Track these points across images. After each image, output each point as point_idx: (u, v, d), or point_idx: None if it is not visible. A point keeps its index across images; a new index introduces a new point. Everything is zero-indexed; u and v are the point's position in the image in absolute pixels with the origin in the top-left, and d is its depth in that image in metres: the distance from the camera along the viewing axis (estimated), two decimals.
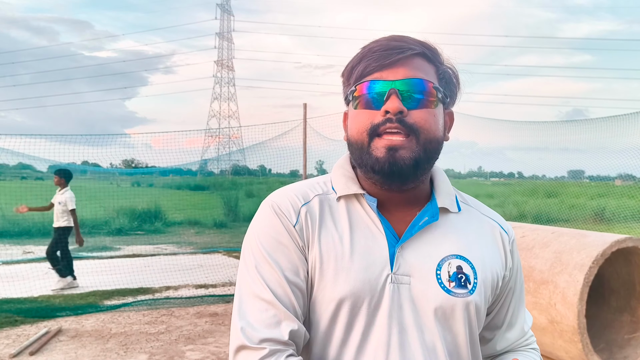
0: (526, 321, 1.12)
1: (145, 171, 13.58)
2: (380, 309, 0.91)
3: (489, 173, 32.65)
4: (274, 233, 0.94)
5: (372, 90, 0.91)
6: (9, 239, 11.06)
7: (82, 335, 4.86)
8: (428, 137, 0.91)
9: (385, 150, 0.89)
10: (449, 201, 1.00)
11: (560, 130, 9.01)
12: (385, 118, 0.89)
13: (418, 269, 0.93)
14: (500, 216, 1.10)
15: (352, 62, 0.96)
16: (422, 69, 0.93)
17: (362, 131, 0.92)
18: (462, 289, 0.93)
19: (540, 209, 11.42)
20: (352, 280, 0.91)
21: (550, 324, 3.78)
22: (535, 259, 4.05)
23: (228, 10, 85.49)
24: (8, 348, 4.47)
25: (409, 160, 0.89)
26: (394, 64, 0.91)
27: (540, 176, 13.39)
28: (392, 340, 0.91)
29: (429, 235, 0.96)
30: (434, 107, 0.92)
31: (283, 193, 1.00)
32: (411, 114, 0.90)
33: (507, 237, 1.05)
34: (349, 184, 0.99)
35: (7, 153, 7.79)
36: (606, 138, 8.01)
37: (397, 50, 0.91)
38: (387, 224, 0.96)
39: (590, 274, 3.59)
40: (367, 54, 0.93)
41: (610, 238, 3.77)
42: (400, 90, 0.89)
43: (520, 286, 1.10)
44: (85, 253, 9.91)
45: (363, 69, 0.92)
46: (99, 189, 12.97)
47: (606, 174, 10.20)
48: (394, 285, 0.92)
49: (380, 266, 0.92)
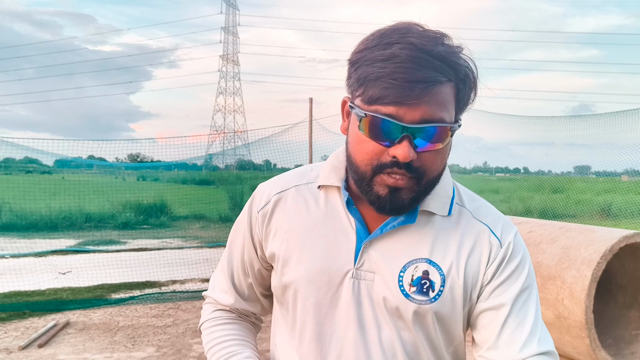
0: (526, 345, 0.88)
1: (151, 165, 13.60)
2: (338, 302, 0.92)
3: (495, 168, 32.56)
4: (242, 218, 1.06)
5: (384, 126, 0.82)
6: (17, 233, 11.12)
7: (90, 328, 4.89)
8: (430, 178, 0.87)
9: (387, 190, 0.85)
10: (437, 204, 0.94)
11: (566, 126, 8.96)
12: (392, 161, 0.83)
13: (382, 267, 0.91)
14: (502, 219, 0.98)
15: (367, 70, 0.82)
16: (444, 102, 0.82)
17: (367, 164, 0.86)
18: (422, 296, 0.89)
19: (546, 204, 11.39)
20: (309, 267, 0.93)
21: (557, 319, 3.78)
22: (542, 255, 4.04)
23: (233, 5, 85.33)
24: (17, 340, 4.50)
25: (407, 201, 0.87)
26: (415, 99, 0.79)
27: (546, 172, 13.34)
28: (348, 335, 0.91)
29: (402, 236, 0.92)
30: (444, 144, 0.85)
31: (271, 180, 1.06)
32: (419, 157, 0.83)
33: (497, 244, 0.93)
34: (331, 174, 0.98)
35: (13, 147, 7.82)
36: (613, 133, 7.98)
37: (422, 84, 0.78)
38: (360, 219, 0.94)
39: (598, 270, 3.59)
40: (385, 78, 0.79)
41: (618, 233, 3.76)
42: (414, 135, 0.81)
43: (520, 305, 0.91)
44: (92, 247, 9.96)
45: (378, 97, 0.80)
46: (105, 183, 13.03)
47: (613, 170, 10.16)
48: (355, 280, 0.91)
49: (344, 260, 0.92)
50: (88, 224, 12.32)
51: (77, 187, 12.47)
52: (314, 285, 0.93)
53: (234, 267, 1.09)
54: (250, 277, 1.08)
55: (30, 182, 11.36)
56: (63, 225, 11.57)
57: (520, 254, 0.94)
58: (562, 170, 11.79)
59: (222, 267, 1.12)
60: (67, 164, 11.98)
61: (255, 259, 1.05)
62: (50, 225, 11.33)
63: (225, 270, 1.11)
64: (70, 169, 13.48)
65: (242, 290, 1.09)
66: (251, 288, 1.09)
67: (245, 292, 1.10)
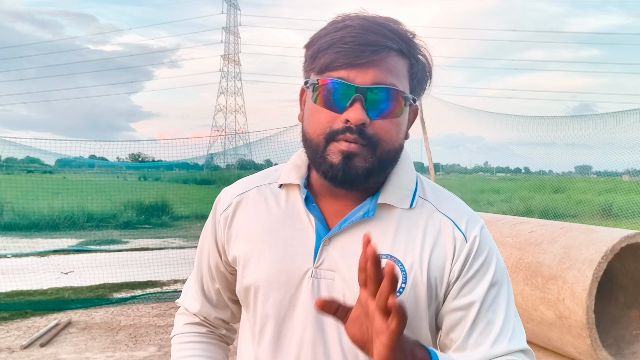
0: (498, 342, 0.86)
1: (152, 165, 13.63)
2: (297, 303, 0.89)
3: (496, 168, 32.55)
4: (207, 223, 1.05)
5: (335, 91, 0.83)
6: (19, 232, 11.13)
7: (92, 328, 4.90)
8: (386, 149, 0.85)
9: (340, 157, 0.83)
10: (397, 197, 0.91)
11: (567, 126, 8.96)
12: (345, 126, 0.82)
13: (342, 265, 0.88)
14: (468, 213, 0.94)
15: (320, 42, 0.85)
16: (395, 70, 0.84)
17: (320, 134, 0.85)
18: None
19: (547, 204, 11.38)
20: (267, 268, 0.91)
21: (558, 319, 3.78)
22: (543, 254, 4.05)
23: (234, 5, 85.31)
24: (19, 339, 4.51)
25: (361, 170, 0.84)
26: (365, 64, 0.81)
27: (547, 171, 13.34)
28: (306, 336, 0.88)
29: (361, 230, 0.89)
30: (398, 115, 0.85)
31: (237, 182, 1.04)
32: (373, 124, 0.83)
33: (461, 238, 0.89)
34: (292, 173, 0.96)
35: (15, 147, 7.83)
36: (614, 133, 7.97)
37: (372, 47, 0.81)
38: (320, 217, 0.91)
39: (600, 270, 3.59)
40: (336, 43, 0.82)
41: (619, 233, 3.76)
42: (366, 97, 0.82)
43: (489, 303, 0.87)
44: (94, 246, 9.97)
45: (329, 62, 0.83)
46: (106, 182, 13.04)
47: (613, 170, 10.16)
48: (314, 279, 0.88)
49: (303, 259, 0.89)
50: (90, 223, 12.34)
51: (78, 187, 12.48)
52: (273, 286, 0.90)
53: (203, 273, 1.08)
54: (217, 282, 1.06)
55: (32, 181, 11.38)
56: (65, 224, 11.58)
57: (487, 248, 0.90)
58: (563, 170, 11.79)
59: (193, 273, 1.12)
60: (68, 164, 12.00)
61: (220, 263, 1.03)
62: (52, 225, 11.35)
63: (195, 277, 1.10)
64: (72, 169, 13.49)
65: (211, 296, 1.08)
66: (219, 293, 1.08)
67: (213, 298, 1.08)
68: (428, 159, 7.58)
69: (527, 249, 4.23)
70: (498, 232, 4.70)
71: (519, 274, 4.19)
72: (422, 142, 7.69)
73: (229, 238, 0.99)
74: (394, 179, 0.93)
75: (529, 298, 4.04)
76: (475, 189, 19.03)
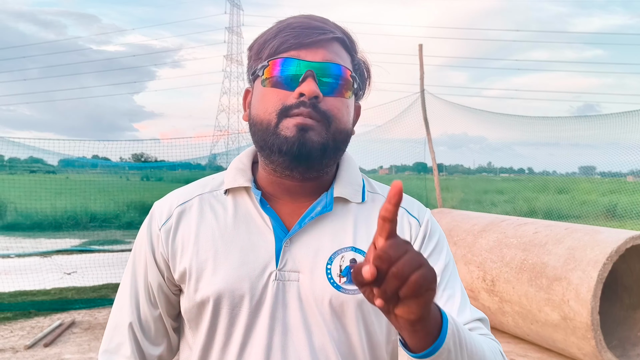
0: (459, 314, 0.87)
1: (155, 165, 13.63)
2: (262, 308, 0.85)
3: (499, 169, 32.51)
4: (140, 243, 0.96)
5: (287, 68, 0.84)
6: (21, 232, 11.15)
7: (95, 328, 4.90)
8: (339, 127, 0.86)
9: (295, 130, 0.82)
10: (349, 191, 0.92)
11: (571, 126, 8.92)
12: (299, 101, 0.82)
13: (307, 264, 0.86)
14: (416, 202, 0.98)
15: (266, 35, 0.88)
16: (340, 56, 0.87)
17: (271, 112, 0.84)
18: (353, 285, 0.83)
19: (551, 205, 11.34)
20: (227, 277, 0.85)
21: (563, 320, 3.76)
22: (548, 255, 4.03)
23: (237, 5, 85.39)
24: (23, 339, 4.52)
25: (317, 144, 0.83)
26: (313, 45, 0.84)
27: (551, 172, 13.29)
28: (274, 342, 0.84)
29: (322, 227, 0.88)
30: (347, 96, 0.88)
31: (170, 194, 0.98)
32: (325, 100, 0.84)
33: (416, 223, 0.93)
34: (238, 176, 0.93)
35: (18, 147, 7.84)
36: (618, 134, 7.94)
37: (319, 30, 0.85)
38: (276, 217, 0.89)
39: (604, 271, 3.58)
40: (284, 29, 0.85)
41: (624, 235, 3.75)
42: (317, 73, 0.83)
43: (447, 279, 0.90)
44: (97, 246, 9.99)
45: (279, 45, 0.85)
46: (109, 182, 13.03)
47: (618, 170, 10.11)
48: (279, 282, 0.85)
49: (264, 263, 0.86)
50: (92, 223, 12.34)
51: (81, 187, 12.49)
52: (235, 295, 0.85)
53: (140, 302, 0.95)
54: (160, 307, 0.95)
55: (35, 181, 11.38)
56: (68, 225, 11.59)
57: (438, 231, 0.95)
58: (567, 171, 11.74)
59: (118, 311, 0.97)
60: (71, 164, 12.00)
61: (163, 283, 0.94)
62: (55, 225, 11.36)
63: (124, 313, 0.95)
64: (75, 169, 13.49)
65: (149, 328, 0.95)
66: (160, 321, 0.96)
67: (152, 330, 0.95)
68: (432, 159, 7.56)
69: (532, 250, 4.22)
70: (502, 233, 4.68)
71: (523, 275, 4.17)
72: (426, 143, 7.67)
73: (174, 252, 0.91)
74: (344, 175, 0.94)
75: (534, 299, 4.02)
76: (478, 189, 18.99)
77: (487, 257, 4.64)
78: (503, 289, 4.37)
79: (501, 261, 4.46)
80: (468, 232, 5.08)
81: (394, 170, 14.37)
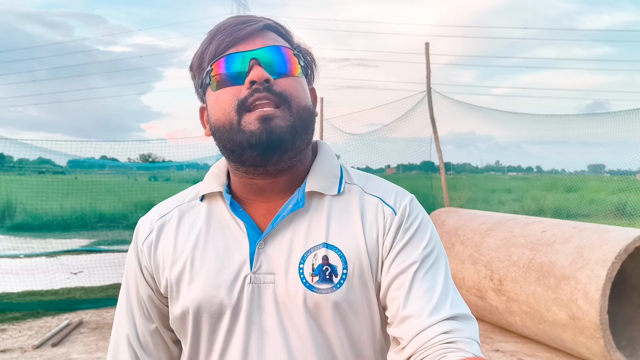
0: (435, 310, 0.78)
1: (162, 165, 13.68)
2: (240, 313, 0.84)
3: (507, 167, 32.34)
4: (129, 259, 0.96)
5: (231, 64, 0.83)
6: (30, 233, 11.23)
7: (103, 328, 4.92)
8: (300, 105, 0.84)
9: (259, 122, 0.80)
10: (323, 184, 0.89)
11: (580, 124, 8.86)
12: (252, 89, 0.81)
13: (281, 265, 0.84)
14: (397, 190, 0.92)
15: (201, 47, 0.87)
16: (277, 41, 0.87)
17: (229, 110, 0.82)
18: (326, 284, 0.82)
19: (560, 203, 11.27)
20: (203, 285, 0.85)
21: (571, 320, 3.73)
22: (556, 254, 4.00)
23: (244, 5, 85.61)
24: (31, 339, 4.54)
25: (286, 128, 0.81)
26: (249, 36, 0.84)
27: (560, 170, 13.20)
28: (251, 347, 0.83)
29: (295, 225, 0.86)
30: (297, 74, 0.86)
31: (153, 208, 0.98)
32: (278, 83, 0.82)
33: (390, 212, 0.88)
34: (211, 182, 0.92)
35: (27, 148, 7.90)
36: (627, 131, 7.87)
37: (249, 23, 0.85)
38: (248, 219, 0.87)
39: (613, 270, 3.54)
40: (216, 33, 0.85)
41: (633, 233, 3.71)
42: (261, 59, 0.82)
43: (425, 269, 0.83)
44: (105, 246, 10.03)
45: (216, 48, 0.84)
46: (117, 183, 13.11)
47: (627, 168, 10.03)
48: (254, 285, 0.83)
49: (238, 267, 0.84)
50: (101, 224, 12.42)
51: (89, 187, 12.55)
52: (213, 302, 0.84)
53: (135, 318, 0.95)
54: (155, 321, 0.95)
55: (44, 182, 11.46)
56: (76, 225, 11.66)
57: (419, 217, 0.88)
58: (576, 169, 11.65)
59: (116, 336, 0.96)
60: (80, 165, 12.07)
61: (153, 296, 0.94)
62: (63, 225, 11.43)
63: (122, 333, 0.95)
64: (83, 170, 13.57)
65: (147, 344, 0.95)
66: (157, 335, 0.95)
67: (151, 346, 0.95)
68: (439, 158, 7.53)
69: (540, 249, 4.19)
70: (509, 232, 4.65)
71: (531, 274, 4.15)
72: (433, 142, 7.64)
73: (156, 266, 0.91)
74: (318, 167, 0.91)
75: (542, 299, 3.99)
76: (486, 188, 18.91)
77: (495, 256, 4.61)
78: (510, 288, 4.34)
79: (509, 260, 4.44)
80: (475, 231, 5.06)
81: (401, 169, 14.32)
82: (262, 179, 0.87)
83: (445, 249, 4.92)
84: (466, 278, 4.91)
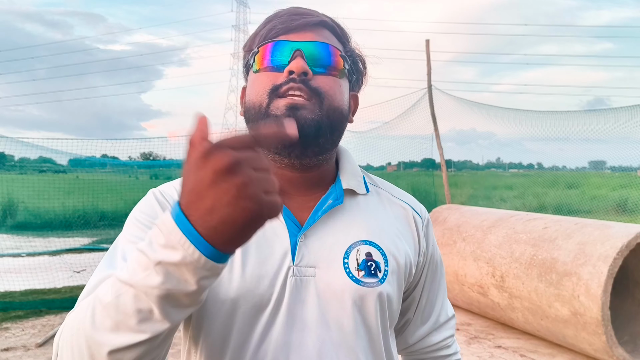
0: (441, 314, 1.03)
1: (163, 164, 13.69)
2: (282, 305, 0.82)
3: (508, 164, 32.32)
4: (147, 204, 0.88)
5: (276, 50, 0.85)
6: (32, 232, 11.24)
7: None
8: (332, 105, 0.84)
9: (285, 109, 0.81)
10: (355, 182, 0.92)
11: (581, 120, 8.85)
12: (288, 78, 0.82)
13: (323, 258, 0.84)
14: (413, 198, 1.02)
15: (256, 30, 0.90)
16: (329, 39, 0.88)
17: (262, 93, 0.84)
18: (372, 278, 0.84)
19: (561, 200, 11.27)
20: (247, 277, 0.81)
21: (573, 316, 3.74)
22: (558, 251, 4.01)
23: (244, 2, 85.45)
24: (34, 338, 4.56)
25: (310, 121, 0.81)
26: (302, 28, 0.86)
27: (561, 167, 13.20)
28: (293, 340, 0.81)
29: (334, 220, 0.87)
30: (338, 76, 0.87)
31: (172, 182, 0.93)
32: (315, 78, 0.83)
33: (420, 220, 0.97)
34: None
35: (28, 147, 7.90)
36: (629, 127, 7.86)
37: (306, 16, 0.87)
38: (287, 211, 0.86)
39: (615, 266, 3.55)
40: (272, 18, 0.88)
41: (635, 229, 3.71)
42: (306, 52, 0.84)
43: (433, 274, 1.01)
44: (107, 245, 10.04)
45: (267, 32, 0.87)
46: (118, 181, 13.10)
47: (628, 165, 10.02)
48: (296, 278, 0.82)
49: (280, 259, 0.83)
50: (102, 222, 12.43)
51: (91, 186, 12.56)
52: (255, 294, 0.81)
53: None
54: None
55: (45, 181, 11.47)
56: (77, 223, 11.67)
57: (432, 227, 1.02)
58: (577, 166, 11.64)
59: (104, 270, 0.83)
60: (81, 163, 12.07)
61: None
62: (65, 224, 11.45)
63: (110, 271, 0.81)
64: (84, 168, 13.58)
65: None
66: None
67: None
68: (440, 155, 7.53)
69: (541, 245, 4.19)
70: (511, 229, 4.65)
71: (533, 271, 4.15)
72: (433, 139, 7.64)
73: None
74: (346, 165, 0.94)
75: (544, 295, 4.00)
76: (487, 185, 18.91)
77: (497, 253, 4.61)
78: (513, 284, 4.35)
79: (510, 257, 4.44)
80: (477, 228, 5.06)
81: (402, 166, 14.32)
82: (290, 172, 0.88)
83: (447, 245, 4.93)
84: (468, 275, 4.91)
